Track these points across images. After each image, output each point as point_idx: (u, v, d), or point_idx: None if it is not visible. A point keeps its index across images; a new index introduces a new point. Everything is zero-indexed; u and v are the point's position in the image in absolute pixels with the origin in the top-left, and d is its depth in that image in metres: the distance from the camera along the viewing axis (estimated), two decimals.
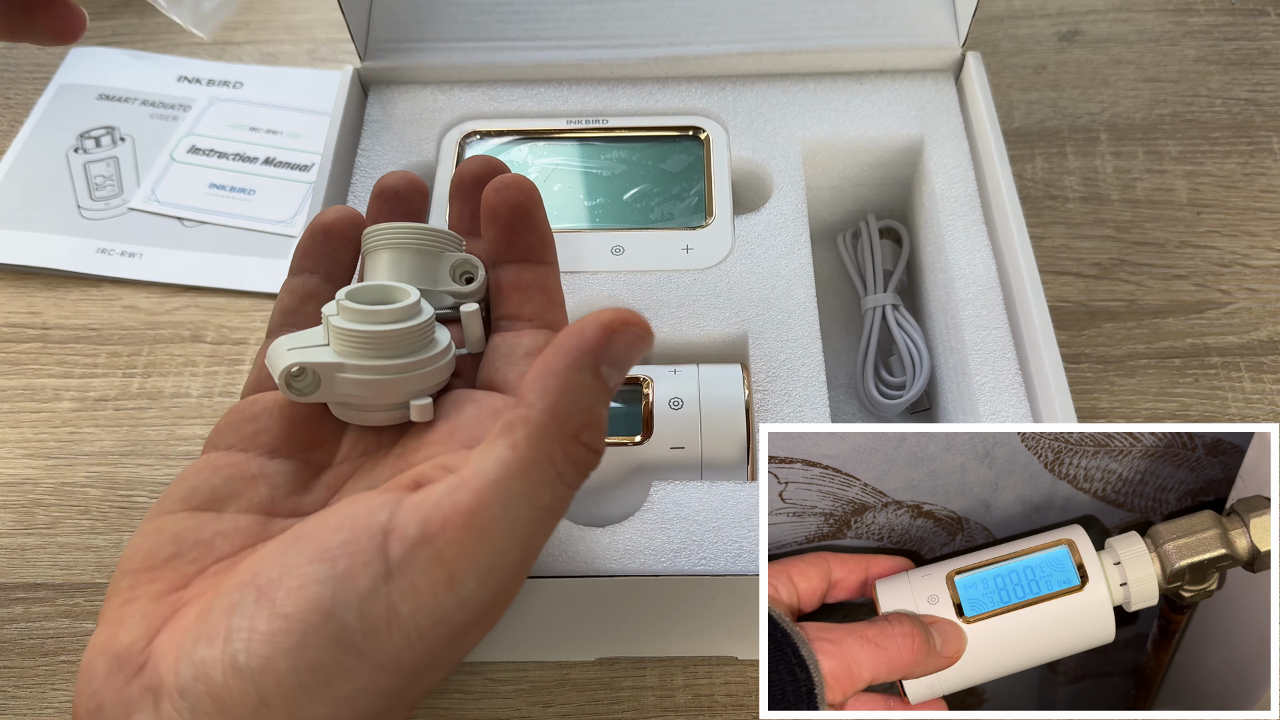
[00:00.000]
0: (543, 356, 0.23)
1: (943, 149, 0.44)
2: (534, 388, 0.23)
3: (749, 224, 0.42)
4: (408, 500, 0.22)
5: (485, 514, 0.21)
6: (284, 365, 0.26)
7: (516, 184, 0.29)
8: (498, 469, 0.21)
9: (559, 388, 0.22)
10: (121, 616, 0.23)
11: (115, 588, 0.24)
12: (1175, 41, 0.58)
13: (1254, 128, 0.54)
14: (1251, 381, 0.45)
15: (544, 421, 0.22)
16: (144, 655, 0.22)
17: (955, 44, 0.46)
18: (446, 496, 0.21)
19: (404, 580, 0.20)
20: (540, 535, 0.22)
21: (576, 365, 0.22)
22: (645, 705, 0.38)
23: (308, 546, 0.21)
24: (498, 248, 0.30)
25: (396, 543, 0.21)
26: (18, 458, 0.45)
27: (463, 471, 0.22)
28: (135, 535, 0.25)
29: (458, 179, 0.32)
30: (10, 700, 0.39)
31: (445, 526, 0.21)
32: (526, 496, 0.22)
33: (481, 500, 0.21)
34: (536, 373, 0.23)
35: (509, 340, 0.29)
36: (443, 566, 0.20)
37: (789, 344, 0.39)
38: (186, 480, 0.26)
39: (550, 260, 0.30)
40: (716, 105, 0.46)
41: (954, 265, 0.41)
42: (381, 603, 0.20)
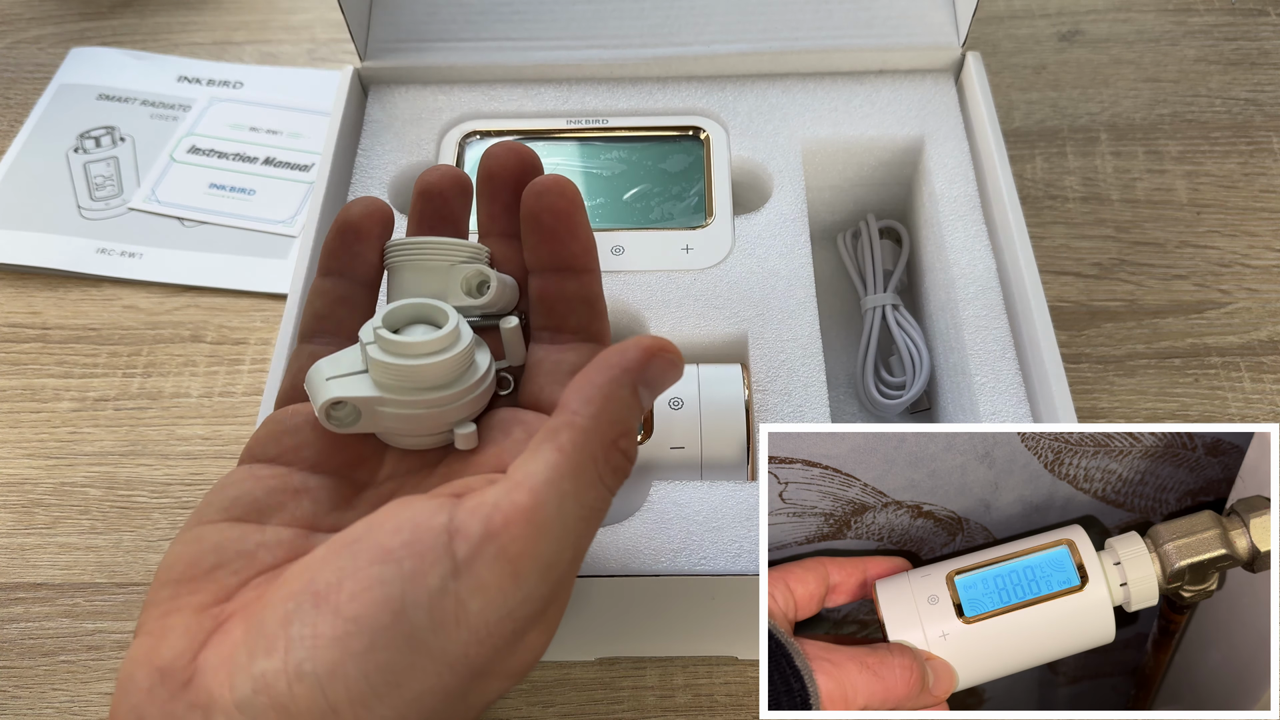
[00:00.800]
0: (585, 371, 0.24)
1: (943, 149, 0.44)
2: (577, 397, 0.24)
3: (749, 224, 0.42)
4: (465, 504, 0.22)
5: (542, 512, 0.22)
6: (325, 399, 0.25)
7: (558, 187, 0.28)
8: (548, 470, 0.22)
9: (601, 399, 0.24)
10: (163, 629, 0.23)
11: (155, 597, 0.24)
12: (1175, 41, 0.58)
13: (1254, 128, 0.54)
14: (1251, 381, 0.45)
15: (588, 427, 0.23)
16: (189, 671, 0.21)
17: (955, 44, 0.46)
18: (505, 497, 0.22)
19: (472, 577, 0.21)
20: (588, 535, 0.23)
21: (618, 381, 0.24)
22: (645, 705, 0.38)
23: (366, 549, 0.21)
24: (538, 256, 0.29)
25: (462, 541, 0.21)
26: (18, 458, 0.45)
27: (513, 475, 0.23)
28: (175, 543, 0.25)
29: (485, 172, 0.30)
30: (10, 700, 0.39)
31: (508, 524, 0.21)
32: (576, 496, 0.22)
33: (538, 499, 0.22)
34: (579, 384, 0.24)
35: (553, 356, 0.28)
36: (508, 562, 0.21)
37: (789, 344, 0.39)
38: (227, 490, 0.26)
39: (593, 267, 0.29)
40: (716, 105, 0.46)
41: (954, 265, 0.41)
42: (451, 599, 0.21)
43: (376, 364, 0.26)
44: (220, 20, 0.62)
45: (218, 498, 0.26)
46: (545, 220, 0.28)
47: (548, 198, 0.28)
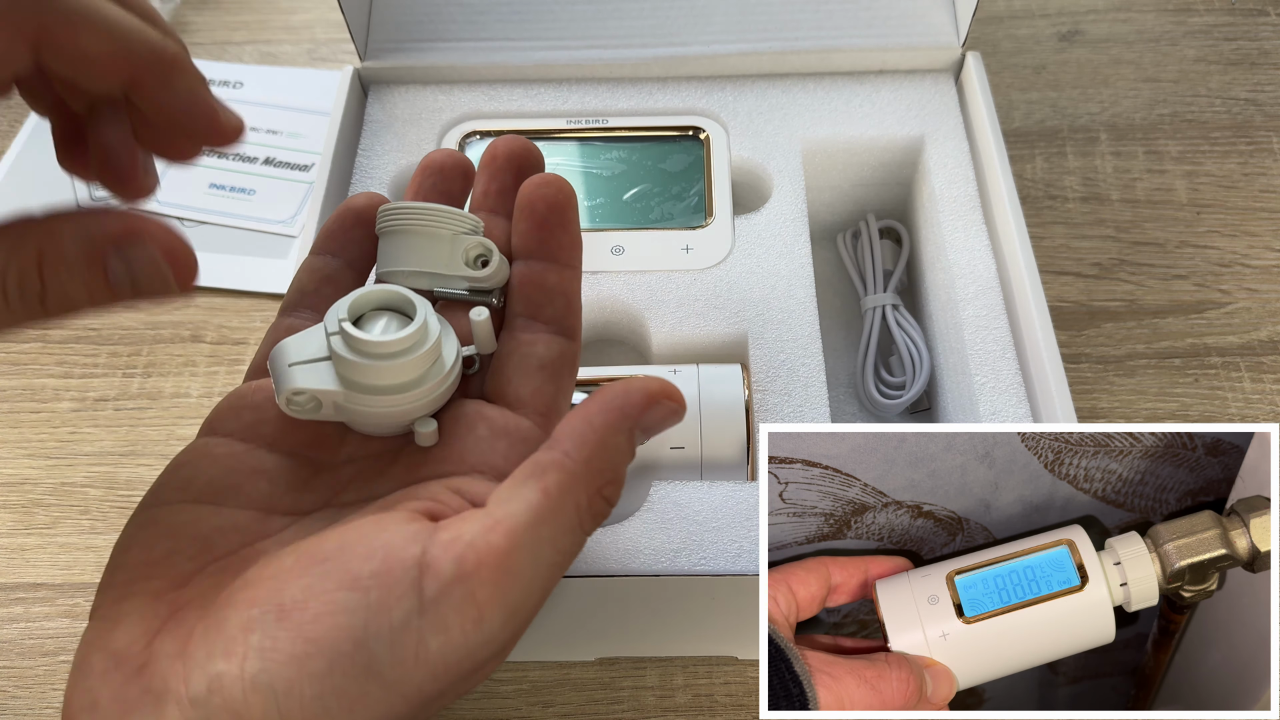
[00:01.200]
0: (583, 407, 0.24)
1: (943, 149, 0.44)
2: (571, 437, 0.23)
3: (749, 224, 0.42)
4: (440, 535, 0.22)
5: (516, 557, 0.22)
6: (286, 388, 0.25)
7: (557, 182, 0.29)
8: (529, 513, 0.22)
9: (596, 443, 0.23)
10: (117, 613, 0.23)
11: (109, 580, 0.24)
12: (1175, 41, 0.58)
13: (1254, 128, 0.54)
14: (1251, 381, 0.45)
15: (577, 471, 0.23)
16: (144, 655, 0.22)
17: (955, 44, 0.46)
18: (481, 537, 0.22)
19: (436, 616, 0.21)
20: (557, 577, 0.23)
21: (615, 426, 0.24)
22: (645, 705, 0.38)
23: (335, 572, 0.21)
24: (527, 242, 0.29)
25: (431, 579, 0.21)
26: (18, 458, 0.45)
27: (493, 511, 0.22)
28: (130, 524, 0.25)
29: (489, 154, 0.31)
30: (10, 700, 0.39)
31: (479, 566, 0.21)
32: (552, 542, 0.22)
33: (514, 543, 0.22)
34: (576, 423, 0.24)
35: (523, 346, 0.28)
36: (474, 606, 0.21)
37: (789, 344, 0.39)
38: (182, 468, 0.26)
39: (576, 265, 0.30)
40: (716, 105, 0.46)
41: (954, 265, 0.41)
42: (413, 635, 0.21)
43: (339, 359, 0.25)
44: (220, 20, 0.62)
45: (173, 477, 0.26)
46: (539, 208, 0.29)
47: (545, 189, 0.29)
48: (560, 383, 0.28)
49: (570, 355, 0.29)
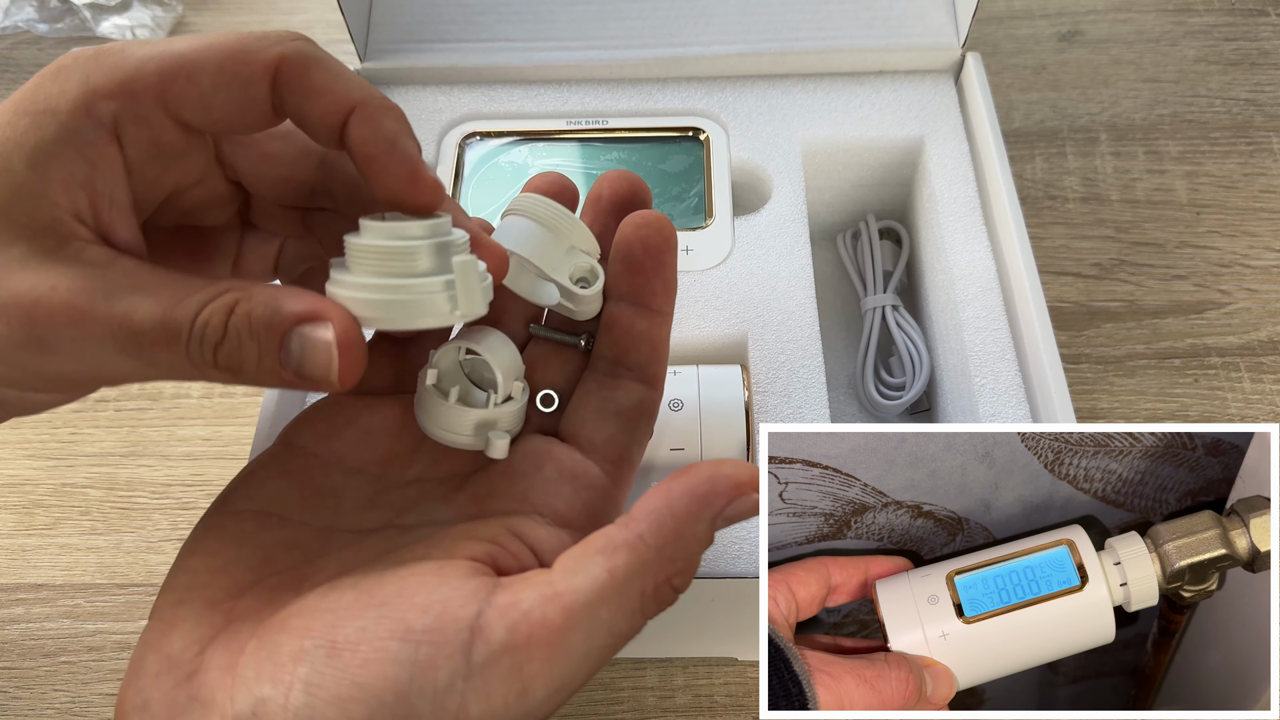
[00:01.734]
0: (666, 489, 0.23)
1: (942, 149, 0.44)
2: (650, 519, 0.23)
3: (749, 225, 0.42)
4: (498, 598, 0.22)
5: (571, 636, 0.21)
6: None
7: (658, 224, 0.28)
8: (591, 591, 0.22)
9: (674, 530, 0.23)
10: (175, 616, 0.23)
11: (171, 582, 0.24)
12: (1175, 41, 0.58)
13: (1254, 128, 0.54)
14: (1251, 381, 0.45)
15: (649, 558, 0.22)
16: (195, 663, 0.22)
17: (955, 44, 0.46)
18: (537, 608, 0.21)
19: (481, 683, 0.21)
20: (608, 658, 0.23)
21: (698, 515, 0.23)
22: (645, 705, 0.38)
23: (390, 619, 0.21)
24: (620, 284, 0.29)
25: (481, 644, 0.21)
26: (18, 458, 0.45)
27: (556, 581, 0.22)
28: (197, 528, 0.25)
29: (596, 194, 0.30)
30: (11, 700, 0.39)
31: (530, 641, 0.21)
32: (609, 624, 0.22)
33: (570, 620, 0.21)
34: (655, 505, 0.23)
35: (604, 390, 0.28)
36: (520, 679, 0.21)
37: (789, 345, 0.39)
38: (254, 477, 0.26)
39: (668, 311, 0.29)
40: (716, 106, 0.46)
41: (954, 266, 0.41)
42: (456, 699, 0.21)
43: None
44: (220, 21, 0.62)
45: (244, 485, 0.26)
46: (637, 251, 0.28)
47: (646, 230, 0.28)
48: (636, 433, 0.28)
49: (650, 404, 0.28)
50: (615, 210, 0.30)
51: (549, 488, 0.26)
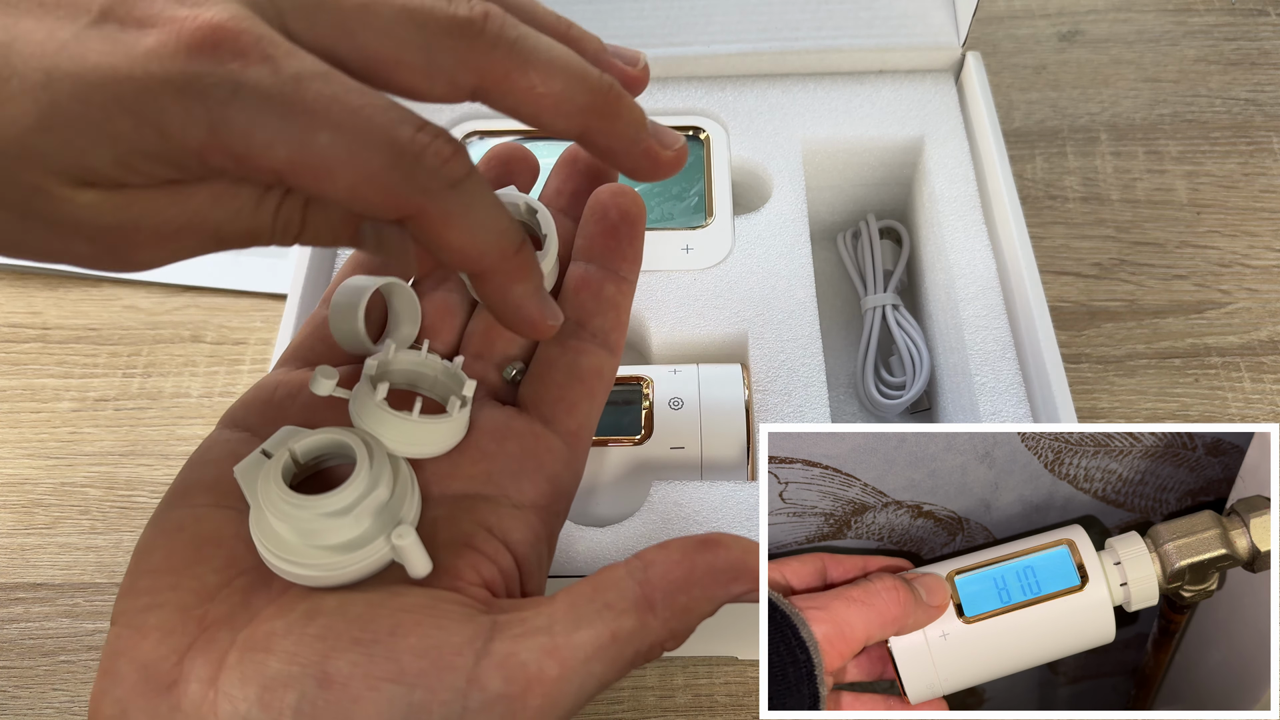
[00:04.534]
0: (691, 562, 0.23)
1: (943, 149, 0.44)
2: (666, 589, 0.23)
3: (749, 224, 0.42)
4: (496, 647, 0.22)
5: (564, 687, 0.22)
6: (235, 473, 0.24)
7: (633, 195, 0.29)
8: (590, 648, 0.22)
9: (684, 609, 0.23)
10: (143, 623, 0.22)
11: (133, 585, 0.23)
12: (1175, 41, 0.58)
13: (1254, 128, 0.54)
14: (1251, 381, 0.45)
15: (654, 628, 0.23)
16: (174, 673, 0.22)
17: (955, 44, 0.46)
18: (534, 661, 0.22)
19: None
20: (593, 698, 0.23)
21: (714, 597, 0.23)
22: (645, 705, 0.38)
23: (385, 659, 0.21)
24: (592, 246, 0.29)
25: (477, 693, 0.21)
26: (18, 458, 0.45)
27: (555, 632, 0.22)
28: (151, 527, 0.24)
29: (570, 155, 0.31)
30: (10, 700, 0.39)
31: (526, 692, 0.21)
32: (601, 678, 0.22)
33: (565, 673, 0.22)
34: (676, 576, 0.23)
35: (568, 354, 0.28)
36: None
37: (789, 344, 0.39)
38: (207, 468, 0.25)
39: (633, 280, 0.29)
40: (716, 105, 0.46)
41: (954, 265, 0.41)
42: None
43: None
44: None
45: (197, 476, 0.25)
46: (612, 215, 0.29)
47: (622, 198, 0.29)
48: (595, 399, 0.28)
49: (609, 370, 0.28)
50: (589, 175, 0.30)
51: (513, 466, 0.26)
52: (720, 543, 0.23)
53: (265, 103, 0.19)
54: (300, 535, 0.23)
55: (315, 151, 0.20)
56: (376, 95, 0.20)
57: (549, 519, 0.26)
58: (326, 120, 0.20)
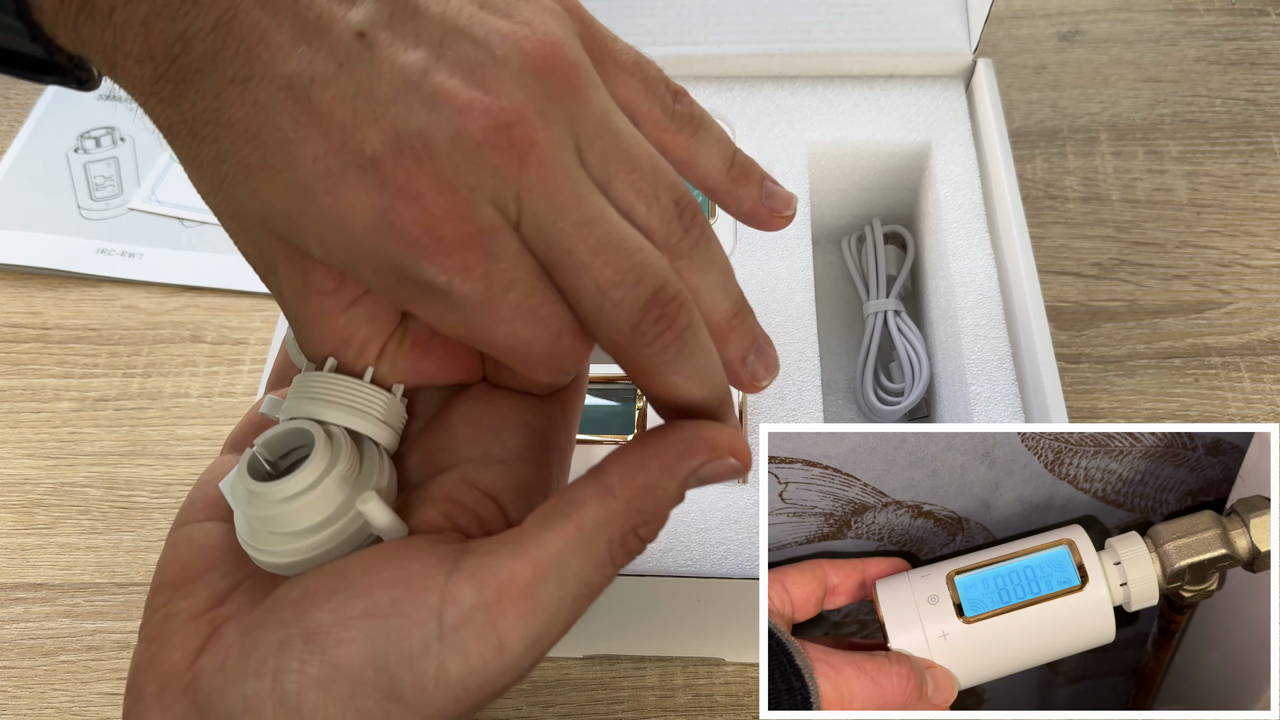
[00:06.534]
0: (640, 444, 0.23)
1: (950, 155, 0.44)
2: (620, 473, 0.23)
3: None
4: (465, 562, 0.22)
5: (541, 589, 0.22)
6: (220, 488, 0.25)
7: None
8: (560, 544, 0.22)
9: (643, 484, 0.23)
10: (163, 634, 0.23)
11: (152, 601, 0.24)
12: (1175, 41, 0.58)
13: (1254, 128, 0.54)
14: (1251, 381, 0.45)
15: (616, 509, 0.22)
16: (189, 675, 0.22)
17: (967, 50, 0.46)
18: (504, 566, 0.22)
19: (455, 643, 0.21)
20: (584, 608, 0.23)
21: (669, 471, 0.23)
22: (645, 705, 0.38)
23: (358, 598, 0.22)
24: None
25: (451, 607, 0.21)
26: (18, 458, 0.45)
27: (522, 539, 0.22)
28: (166, 545, 0.25)
29: None
30: (10, 700, 0.39)
31: (501, 597, 0.21)
32: (579, 574, 0.22)
33: (539, 574, 0.22)
34: (628, 459, 0.23)
35: None
36: (494, 634, 0.21)
37: (786, 347, 0.39)
38: (210, 485, 0.26)
39: None
40: (724, 105, 0.46)
41: (955, 273, 0.40)
42: (433, 662, 0.21)
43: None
44: None
45: (201, 495, 0.26)
46: None
47: None
48: None
49: None
50: None
51: (494, 426, 0.26)
52: (674, 425, 0.23)
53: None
54: (275, 523, 0.23)
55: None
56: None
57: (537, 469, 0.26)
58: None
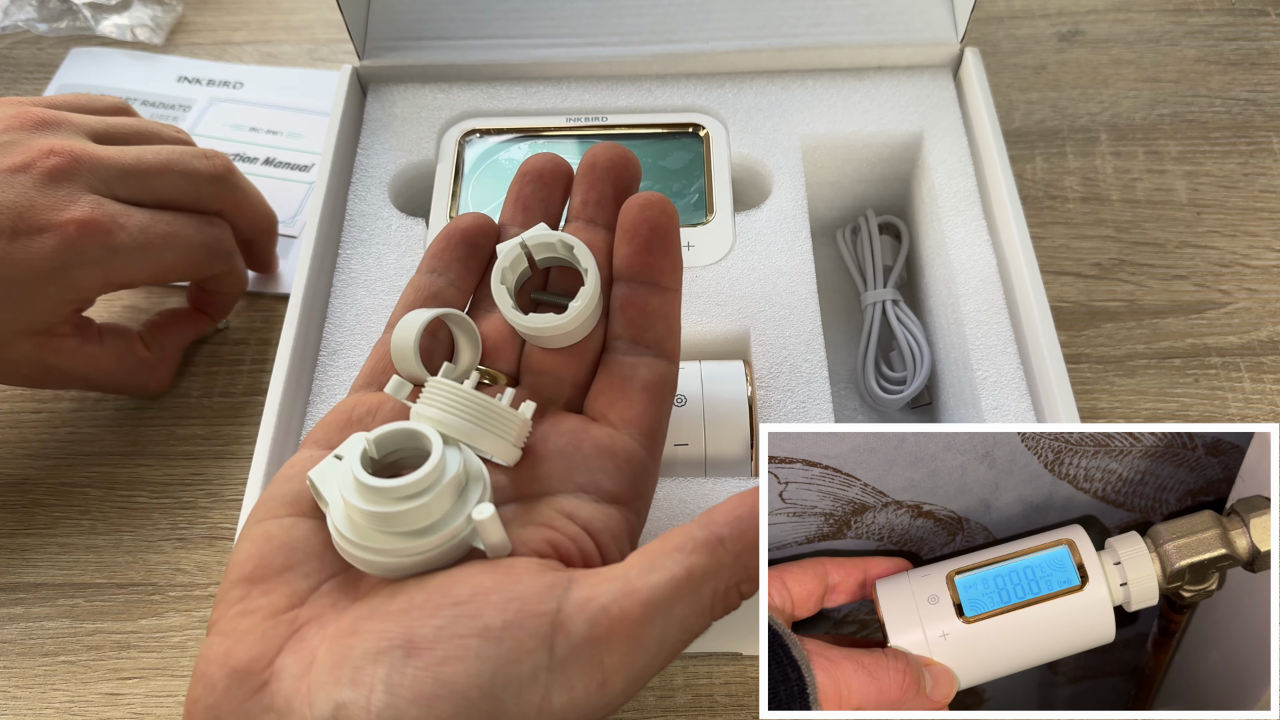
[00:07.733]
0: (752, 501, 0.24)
1: (942, 145, 0.44)
2: (733, 525, 0.23)
3: (749, 221, 0.42)
4: (575, 593, 0.22)
5: (647, 630, 0.22)
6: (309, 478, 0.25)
7: (660, 204, 0.29)
8: (668, 587, 0.22)
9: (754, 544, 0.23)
10: (238, 629, 0.23)
11: (226, 595, 0.24)
12: (1175, 41, 0.58)
13: (1254, 128, 0.54)
14: (1251, 381, 0.45)
15: (725, 561, 0.23)
16: (266, 674, 0.22)
17: (954, 40, 0.46)
18: (615, 603, 0.22)
19: (563, 675, 0.21)
20: (677, 654, 0.23)
21: None
22: (645, 705, 0.38)
23: (468, 618, 0.22)
24: (629, 265, 0.29)
25: (563, 638, 0.21)
26: (17, 457, 0.45)
27: (633, 577, 0.22)
28: (243, 538, 0.25)
29: (588, 162, 0.31)
30: (10, 701, 0.39)
31: (610, 634, 0.22)
32: (682, 621, 0.22)
33: (647, 614, 0.22)
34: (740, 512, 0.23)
35: (626, 369, 0.29)
36: (600, 670, 0.22)
37: (791, 340, 0.39)
38: (291, 483, 0.26)
39: (677, 287, 0.30)
40: (716, 102, 0.46)
41: (954, 260, 0.41)
42: (539, 691, 0.21)
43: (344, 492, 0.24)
44: (220, 20, 0.62)
45: (282, 490, 0.26)
46: (643, 232, 0.29)
47: (650, 211, 0.29)
48: (662, 405, 0.29)
49: (670, 377, 0.29)
50: (610, 179, 0.31)
51: (591, 464, 0.26)
52: None
53: (130, 250, 0.37)
54: (380, 522, 0.23)
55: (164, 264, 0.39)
56: (183, 220, 0.39)
57: (629, 516, 0.27)
58: (166, 246, 0.38)
